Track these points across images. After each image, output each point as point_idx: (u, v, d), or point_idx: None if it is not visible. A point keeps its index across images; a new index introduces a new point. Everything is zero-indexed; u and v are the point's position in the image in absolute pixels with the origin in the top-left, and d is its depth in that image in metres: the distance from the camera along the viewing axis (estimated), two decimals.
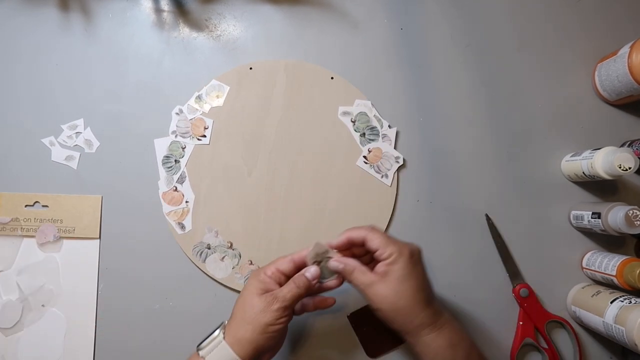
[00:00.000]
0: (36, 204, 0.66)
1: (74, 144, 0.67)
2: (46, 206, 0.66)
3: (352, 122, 0.67)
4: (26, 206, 0.66)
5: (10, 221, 0.65)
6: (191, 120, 0.67)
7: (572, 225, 0.66)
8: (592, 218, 0.61)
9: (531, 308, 0.65)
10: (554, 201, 0.67)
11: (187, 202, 0.66)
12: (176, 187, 0.66)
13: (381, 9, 0.69)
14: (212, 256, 0.66)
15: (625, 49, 0.62)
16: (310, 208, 0.66)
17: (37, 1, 0.68)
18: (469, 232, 0.67)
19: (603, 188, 0.67)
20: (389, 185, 0.67)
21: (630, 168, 0.57)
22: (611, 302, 0.58)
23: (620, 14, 0.69)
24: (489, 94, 0.69)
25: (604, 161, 0.59)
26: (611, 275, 0.60)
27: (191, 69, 0.68)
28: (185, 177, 0.66)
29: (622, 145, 0.66)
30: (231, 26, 0.69)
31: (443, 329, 0.53)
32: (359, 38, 0.69)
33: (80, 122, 0.67)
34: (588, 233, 0.66)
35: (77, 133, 0.67)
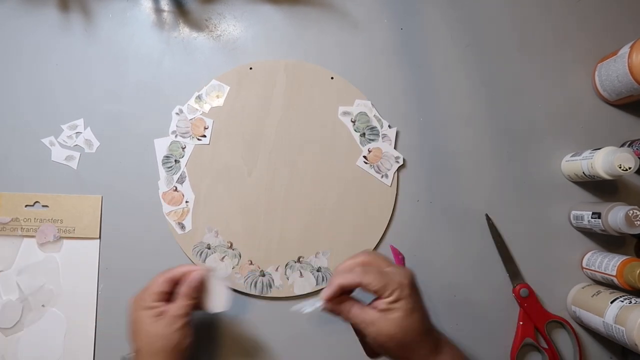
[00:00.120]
0: (36, 204, 0.66)
1: (74, 144, 0.67)
2: (46, 206, 0.66)
3: (352, 122, 0.67)
4: (26, 206, 0.66)
5: (10, 221, 0.65)
6: (191, 120, 0.67)
7: (572, 225, 0.66)
8: (592, 218, 0.61)
9: (531, 308, 0.65)
10: (554, 201, 0.67)
11: (187, 202, 0.66)
12: (176, 187, 0.66)
13: (381, 9, 0.69)
14: (212, 256, 0.66)
15: (625, 49, 0.62)
16: (310, 208, 0.66)
17: (37, 1, 0.68)
18: (469, 232, 0.67)
19: (603, 188, 0.67)
20: (389, 185, 0.67)
21: (630, 168, 0.57)
22: (611, 302, 0.58)
23: (620, 14, 0.69)
24: (489, 94, 0.69)
25: (604, 161, 0.59)
26: (611, 275, 0.60)
27: (191, 69, 0.68)
28: (185, 177, 0.66)
29: (622, 145, 0.66)
30: (231, 26, 0.69)
31: (444, 352, 0.51)
32: (359, 38, 0.69)
33: (80, 122, 0.67)
34: (588, 233, 0.66)
35: (77, 133, 0.67)
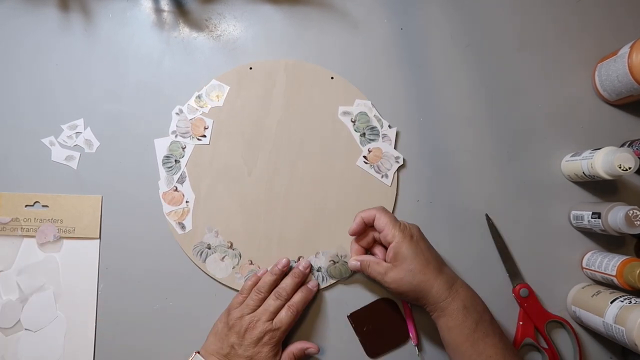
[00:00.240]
0: (36, 204, 0.66)
1: (74, 144, 0.67)
2: (46, 206, 0.66)
3: (352, 122, 0.67)
4: (26, 206, 0.66)
5: (10, 221, 0.65)
6: (191, 120, 0.67)
7: (572, 225, 0.66)
8: (592, 218, 0.61)
9: (531, 308, 0.65)
10: (554, 201, 0.67)
11: (187, 202, 0.66)
12: (176, 187, 0.66)
13: (381, 9, 0.69)
14: (213, 256, 0.66)
15: (625, 49, 0.62)
16: (310, 208, 0.66)
17: (37, 1, 0.68)
18: (469, 232, 0.67)
19: (603, 188, 0.67)
20: (389, 185, 0.67)
21: (630, 168, 0.57)
22: (611, 302, 0.58)
23: (620, 14, 0.69)
24: (489, 94, 0.69)
25: (604, 161, 0.59)
26: (611, 275, 0.60)
27: (191, 69, 0.68)
28: (185, 177, 0.66)
29: (622, 145, 0.66)
30: (231, 26, 0.69)
31: (458, 294, 0.58)
32: (359, 38, 0.69)
33: (80, 122, 0.67)
34: (588, 233, 0.66)
35: (77, 133, 0.67)
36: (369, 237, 0.63)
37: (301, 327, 0.65)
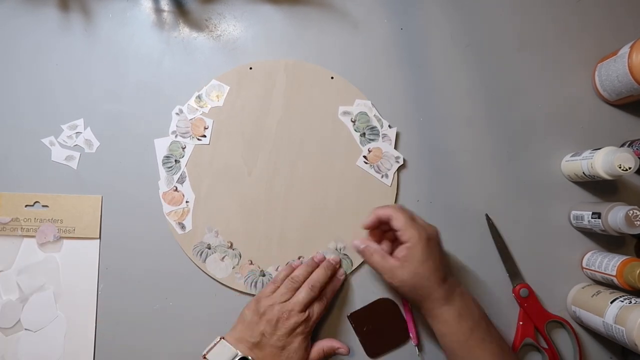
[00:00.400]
0: (36, 204, 0.66)
1: (74, 144, 0.67)
2: (46, 206, 0.66)
3: (352, 122, 0.67)
4: (26, 206, 0.66)
5: (10, 221, 0.65)
6: (191, 120, 0.67)
7: (572, 225, 0.66)
8: (592, 218, 0.61)
9: (531, 308, 0.65)
10: (554, 201, 0.67)
11: (187, 202, 0.66)
12: (176, 187, 0.66)
13: (381, 9, 0.69)
14: (213, 256, 0.66)
15: (625, 49, 0.62)
16: (310, 208, 0.66)
17: (37, 1, 0.68)
18: (469, 232, 0.67)
19: (603, 188, 0.67)
20: (389, 185, 0.67)
21: (630, 168, 0.57)
22: (611, 302, 0.58)
23: (620, 14, 0.69)
24: (489, 94, 0.69)
25: (604, 161, 0.59)
26: (611, 275, 0.60)
27: (191, 69, 0.68)
28: (185, 177, 0.66)
29: (622, 145, 0.66)
30: (231, 26, 0.69)
31: (454, 302, 0.58)
32: (359, 38, 0.69)
33: (80, 122, 0.67)
34: (588, 233, 0.66)
35: (77, 133, 0.67)
36: (380, 232, 0.64)
37: None
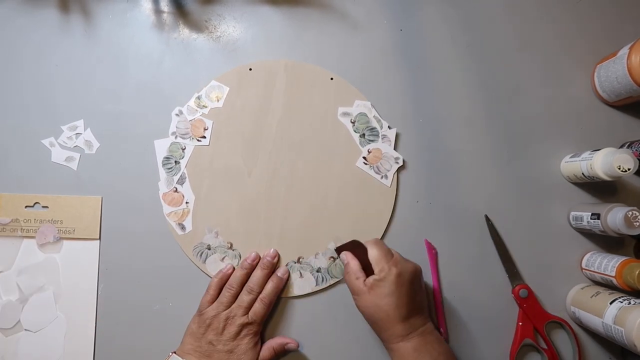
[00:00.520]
0: (36, 205, 0.66)
1: (74, 145, 0.67)
2: (46, 207, 0.66)
3: (352, 123, 0.68)
4: (26, 207, 0.66)
5: (10, 222, 0.65)
6: (191, 121, 0.67)
7: (572, 226, 0.66)
8: (592, 219, 0.62)
9: (530, 309, 0.65)
10: (554, 202, 0.67)
11: (187, 203, 0.66)
12: (176, 188, 0.66)
13: (381, 10, 0.69)
14: (213, 257, 0.66)
15: (624, 50, 0.62)
16: (310, 208, 0.66)
17: (38, 2, 0.68)
18: (469, 233, 0.67)
19: (602, 189, 0.67)
20: (389, 186, 0.67)
21: (629, 169, 0.57)
22: (610, 303, 0.58)
23: (619, 15, 0.69)
24: (489, 94, 0.69)
25: (603, 162, 0.59)
26: (610, 276, 0.60)
27: (191, 70, 0.68)
28: (185, 178, 0.66)
29: (622, 146, 0.66)
30: (231, 27, 0.69)
31: (412, 340, 0.57)
32: (359, 39, 0.69)
33: (80, 123, 0.67)
34: (587, 234, 0.66)
35: (77, 134, 0.67)
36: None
37: (301, 327, 0.65)
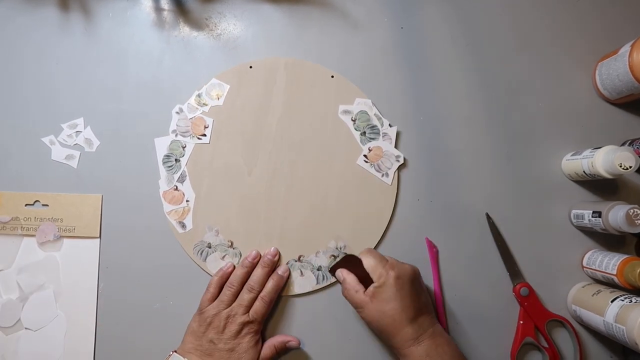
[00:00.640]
0: (36, 203, 0.66)
1: (74, 143, 0.67)
2: (46, 205, 0.66)
3: (353, 121, 0.67)
4: (26, 205, 0.66)
5: (10, 220, 0.65)
6: (191, 119, 0.67)
7: (573, 224, 0.66)
8: (593, 217, 0.61)
9: (531, 307, 0.65)
10: (555, 200, 0.67)
11: (188, 201, 0.66)
12: (177, 186, 0.66)
13: (381, 9, 0.69)
14: (213, 255, 0.66)
15: (625, 48, 0.62)
16: (310, 207, 0.66)
17: (38, 1, 0.68)
18: (469, 231, 0.67)
19: (603, 187, 0.67)
20: (390, 184, 0.67)
21: (630, 167, 0.57)
22: (612, 301, 0.58)
23: (620, 13, 0.69)
24: (489, 93, 0.69)
25: (605, 160, 0.59)
26: (612, 274, 0.60)
27: (191, 68, 0.68)
28: (185, 176, 0.66)
29: (623, 144, 0.66)
30: (231, 25, 0.69)
31: (422, 343, 0.57)
32: (359, 37, 0.69)
33: (80, 121, 0.67)
34: (588, 232, 0.66)
35: (77, 132, 0.67)
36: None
37: (301, 326, 0.65)
